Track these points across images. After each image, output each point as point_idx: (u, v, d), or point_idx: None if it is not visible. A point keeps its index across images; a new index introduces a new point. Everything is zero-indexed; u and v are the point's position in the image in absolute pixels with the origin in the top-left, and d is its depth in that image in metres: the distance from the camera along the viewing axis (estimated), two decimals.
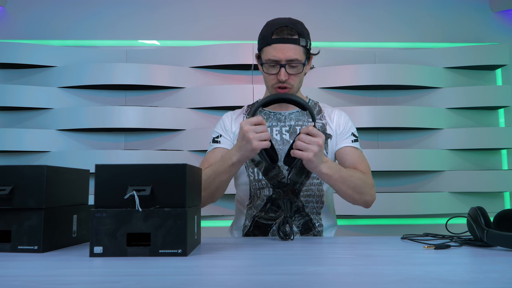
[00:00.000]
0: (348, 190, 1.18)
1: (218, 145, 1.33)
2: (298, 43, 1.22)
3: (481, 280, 0.61)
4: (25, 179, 0.87)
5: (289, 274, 0.65)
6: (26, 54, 2.41)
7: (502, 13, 2.68)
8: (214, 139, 1.35)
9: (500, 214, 0.96)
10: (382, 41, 2.63)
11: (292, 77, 1.25)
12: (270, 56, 1.23)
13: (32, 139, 2.33)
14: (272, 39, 1.23)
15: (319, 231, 1.30)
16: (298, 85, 1.31)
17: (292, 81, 1.26)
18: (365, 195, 1.22)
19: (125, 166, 0.83)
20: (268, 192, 1.27)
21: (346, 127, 1.33)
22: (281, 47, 1.22)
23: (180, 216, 0.80)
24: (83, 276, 0.66)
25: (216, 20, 2.61)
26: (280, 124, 1.33)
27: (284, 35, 1.22)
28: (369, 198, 1.24)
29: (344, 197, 1.22)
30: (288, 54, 1.22)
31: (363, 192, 1.21)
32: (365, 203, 1.24)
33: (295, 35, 1.22)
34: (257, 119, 1.08)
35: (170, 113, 2.42)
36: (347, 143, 1.30)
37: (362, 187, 1.20)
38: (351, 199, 1.22)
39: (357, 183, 1.19)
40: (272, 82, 1.27)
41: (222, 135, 1.35)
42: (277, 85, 1.26)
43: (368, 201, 1.24)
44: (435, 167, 2.42)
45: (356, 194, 1.19)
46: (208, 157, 1.32)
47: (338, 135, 1.32)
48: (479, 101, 2.50)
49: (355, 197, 1.21)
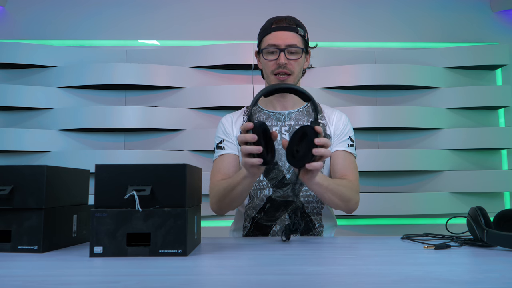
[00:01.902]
0: (335, 199, 1.18)
1: (223, 151, 1.32)
2: (296, 32, 1.28)
3: (481, 280, 0.61)
4: (25, 179, 0.87)
5: (289, 274, 0.65)
6: (26, 54, 2.41)
7: (502, 13, 2.68)
8: (218, 145, 1.34)
9: (500, 214, 0.96)
10: (382, 41, 2.63)
11: (291, 62, 1.27)
12: (270, 42, 1.28)
13: (32, 139, 2.33)
14: (271, 28, 1.29)
15: (319, 231, 1.30)
16: (298, 74, 1.31)
17: (291, 66, 1.28)
18: (351, 203, 1.23)
19: (125, 166, 0.83)
20: (268, 192, 1.27)
21: (345, 130, 1.33)
22: (281, 34, 1.27)
23: (180, 216, 0.80)
24: (83, 276, 0.66)
25: (216, 20, 2.61)
26: (280, 123, 1.33)
27: (283, 24, 1.28)
28: (353, 206, 1.25)
29: (330, 204, 1.23)
30: (287, 40, 1.26)
31: (349, 199, 1.21)
32: (349, 210, 1.25)
33: (294, 25, 1.29)
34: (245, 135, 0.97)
35: (170, 113, 2.42)
36: (342, 146, 1.30)
37: (349, 195, 1.21)
38: (336, 207, 1.23)
39: (345, 191, 1.20)
40: (272, 68, 1.29)
41: (224, 139, 1.33)
42: (277, 70, 1.28)
43: (352, 208, 1.25)
44: (435, 167, 2.42)
45: (342, 202, 1.20)
46: (218, 167, 1.31)
47: (335, 136, 1.32)
48: (479, 101, 2.49)
49: (340, 206, 1.22)
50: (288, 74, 1.28)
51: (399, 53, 2.58)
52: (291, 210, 1.27)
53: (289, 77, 1.28)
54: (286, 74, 1.28)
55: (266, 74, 1.32)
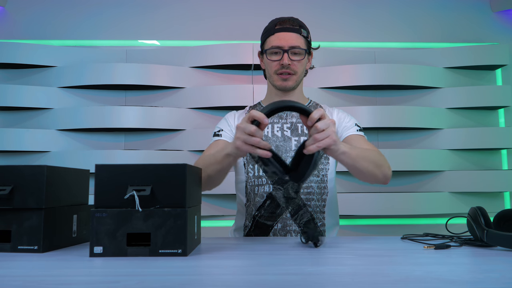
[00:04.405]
0: (369, 166, 1.13)
1: (219, 138, 1.34)
2: (300, 33, 1.29)
3: (481, 280, 0.61)
4: (25, 179, 0.87)
5: (289, 274, 0.65)
6: (26, 54, 2.41)
7: (502, 13, 2.68)
8: (216, 133, 1.37)
9: (500, 214, 0.96)
10: (382, 41, 2.63)
11: (295, 63, 1.29)
12: (273, 43, 1.29)
13: (32, 139, 2.33)
14: (275, 29, 1.30)
15: (321, 230, 1.30)
16: (301, 75, 1.33)
17: (295, 67, 1.29)
18: (384, 167, 1.19)
19: (125, 166, 0.83)
20: (268, 189, 1.28)
21: (350, 121, 1.35)
22: (284, 35, 1.28)
23: (180, 216, 0.80)
24: (83, 276, 0.66)
25: (216, 20, 2.61)
26: (282, 121, 1.34)
27: (287, 25, 1.29)
28: (387, 171, 1.20)
29: (365, 175, 1.15)
30: (290, 42, 1.27)
31: (381, 164, 1.18)
32: (385, 177, 1.20)
33: (297, 26, 1.30)
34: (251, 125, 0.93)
35: (170, 113, 2.42)
36: (352, 132, 1.31)
37: (380, 159, 1.18)
38: (372, 175, 1.16)
39: (375, 156, 1.16)
40: (275, 68, 1.31)
41: (223, 129, 1.36)
42: (280, 71, 1.30)
43: (387, 174, 1.20)
44: (435, 167, 2.42)
45: (376, 168, 1.16)
46: (209, 147, 1.33)
47: (342, 128, 1.33)
48: (479, 101, 2.49)
49: (376, 172, 1.16)
50: (291, 74, 1.30)
51: (399, 53, 2.58)
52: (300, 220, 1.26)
53: (292, 77, 1.30)
54: (289, 74, 1.29)
55: (269, 74, 1.34)
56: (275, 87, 1.34)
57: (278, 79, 1.31)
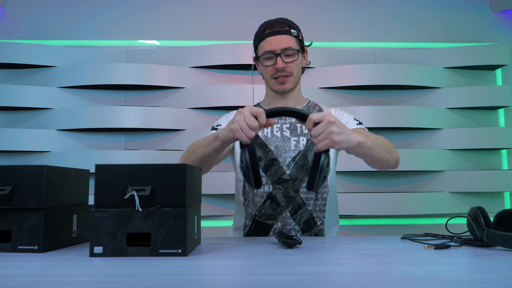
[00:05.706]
0: (382, 152, 1.13)
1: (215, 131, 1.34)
2: (289, 34, 1.28)
3: (481, 280, 0.61)
4: (25, 179, 0.87)
5: (289, 274, 0.65)
6: (26, 54, 2.41)
7: (502, 13, 2.68)
8: (214, 127, 1.38)
9: (500, 214, 0.96)
10: (382, 41, 2.63)
11: (289, 65, 1.29)
12: (265, 48, 1.28)
13: (32, 139, 2.33)
14: (265, 34, 1.29)
15: (320, 229, 1.30)
16: (297, 75, 1.33)
17: (290, 69, 1.29)
18: (394, 152, 1.21)
19: (125, 166, 0.83)
20: (268, 188, 1.28)
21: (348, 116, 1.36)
22: (274, 39, 1.27)
23: (180, 216, 0.80)
24: (83, 276, 0.66)
25: (216, 20, 2.61)
26: (281, 121, 1.34)
27: (276, 28, 1.29)
28: (397, 155, 1.23)
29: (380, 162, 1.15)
30: (281, 44, 1.27)
31: (392, 149, 1.20)
32: (395, 161, 1.21)
33: (286, 27, 1.29)
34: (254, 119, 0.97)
35: (170, 113, 2.42)
36: (352, 126, 1.31)
37: (389, 145, 1.20)
38: (386, 161, 1.17)
39: (385, 143, 1.18)
40: (271, 73, 1.31)
41: (222, 125, 1.37)
42: (276, 75, 1.30)
43: (397, 158, 1.22)
44: (435, 167, 2.42)
45: (388, 153, 1.17)
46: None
47: None
48: (479, 101, 2.49)
49: (388, 158, 1.17)
50: (287, 76, 1.30)
51: (399, 53, 2.58)
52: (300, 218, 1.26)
53: (288, 78, 1.30)
54: (285, 76, 1.29)
55: (266, 78, 1.35)
56: (274, 91, 1.34)
57: (276, 83, 1.31)
